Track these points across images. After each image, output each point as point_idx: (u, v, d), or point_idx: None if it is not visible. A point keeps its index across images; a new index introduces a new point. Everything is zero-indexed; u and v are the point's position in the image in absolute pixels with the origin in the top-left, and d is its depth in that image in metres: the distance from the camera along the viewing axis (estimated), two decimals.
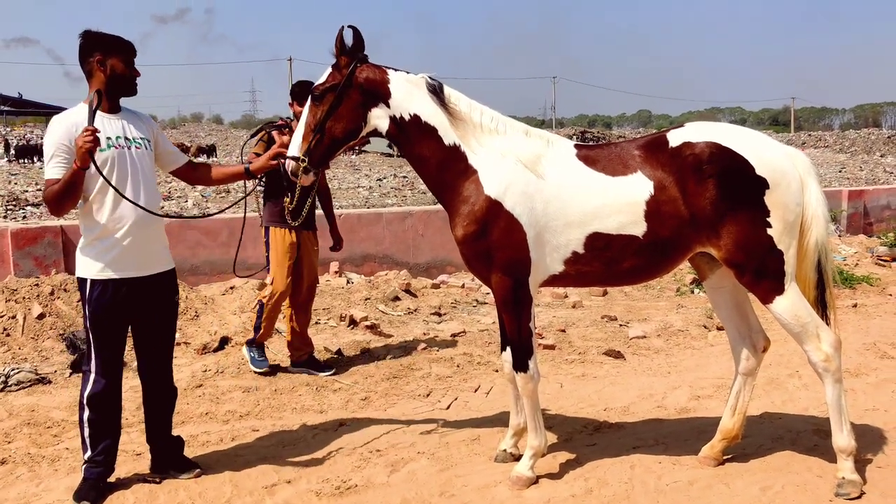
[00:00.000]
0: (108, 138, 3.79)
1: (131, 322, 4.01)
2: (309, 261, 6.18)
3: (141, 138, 3.93)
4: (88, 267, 3.84)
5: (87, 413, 3.90)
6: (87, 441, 3.93)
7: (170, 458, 4.19)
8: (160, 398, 4.19)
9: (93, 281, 3.83)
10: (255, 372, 6.05)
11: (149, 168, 3.96)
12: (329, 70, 3.89)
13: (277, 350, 6.52)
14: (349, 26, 3.84)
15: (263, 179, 4.40)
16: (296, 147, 3.91)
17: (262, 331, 6.10)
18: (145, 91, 4.05)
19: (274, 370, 6.14)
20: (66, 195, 3.65)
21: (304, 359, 6.18)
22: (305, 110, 3.93)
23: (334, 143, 3.93)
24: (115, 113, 3.90)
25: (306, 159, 3.86)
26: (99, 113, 3.75)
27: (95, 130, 3.55)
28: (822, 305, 3.97)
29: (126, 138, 3.86)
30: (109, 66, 3.77)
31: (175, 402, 4.31)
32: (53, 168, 3.69)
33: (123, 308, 3.89)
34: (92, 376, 3.90)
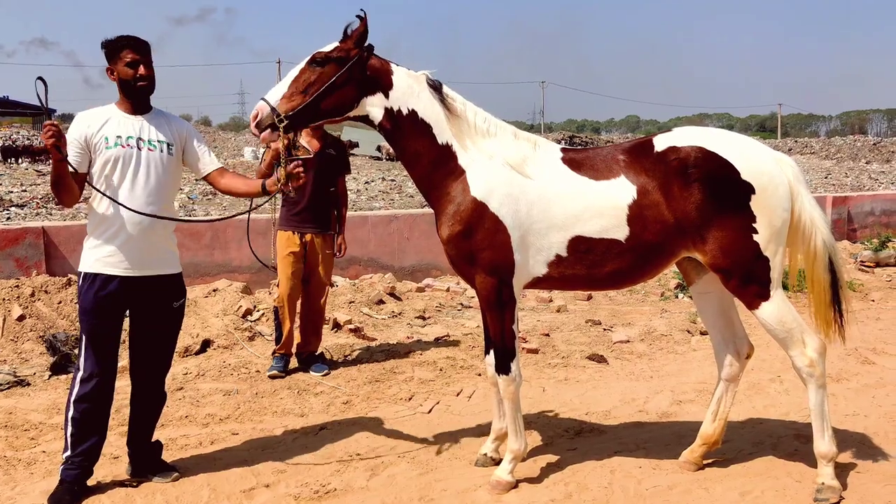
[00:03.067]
0: (118, 136, 3.86)
1: (130, 322, 4.00)
2: (315, 264, 6.18)
3: (159, 141, 3.96)
4: (84, 260, 3.90)
5: (72, 412, 3.86)
6: (69, 440, 3.88)
7: (148, 462, 4.15)
8: (148, 403, 4.16)
9: (85, 274, 3.87)
10: (269, 376, 6.05)
11: (161, 171, 3.94)
12: (336, 44, 3.82)
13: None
14: (360, 16, 3.78)
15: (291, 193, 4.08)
16: (274, 100, 3.77)
17: (282, 339, 6.17)
18: None
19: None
20: (55, 186, 3.79)
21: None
22: (296, 69, 3.84)
23: (316, 113, 3.83)
24: (137, 114, 3.96)
25: (285, 120, 3.73)
26: (118, 112, 3.92)
27: (52, 125, 3.58)
28: (837, 305, 3.95)
29: (140, 139, 3.91)
30: (117, 73, 3.89)
31: (162, 409, 4.28)
32: None
33: (114, 305, 3.87)
34: (80, 374, 3.87)
